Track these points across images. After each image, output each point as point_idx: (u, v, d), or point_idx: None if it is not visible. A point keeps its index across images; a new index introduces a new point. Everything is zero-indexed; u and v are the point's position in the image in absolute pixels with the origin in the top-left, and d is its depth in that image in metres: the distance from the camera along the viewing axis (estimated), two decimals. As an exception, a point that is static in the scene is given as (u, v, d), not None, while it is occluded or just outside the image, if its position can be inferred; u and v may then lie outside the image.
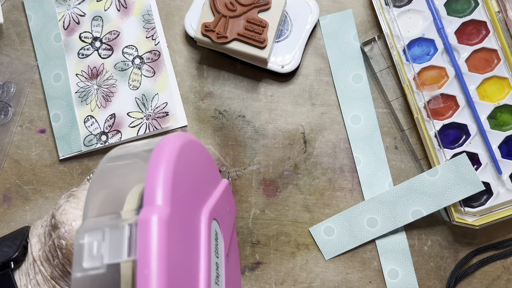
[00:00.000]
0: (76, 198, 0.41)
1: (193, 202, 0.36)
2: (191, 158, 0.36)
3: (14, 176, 0.53)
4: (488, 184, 0.48)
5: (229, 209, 0.44)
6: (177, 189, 0.33)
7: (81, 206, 0.40)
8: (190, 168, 0.36)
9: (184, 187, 0.34)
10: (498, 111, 0.49)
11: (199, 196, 0.38)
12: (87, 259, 0.31)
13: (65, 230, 0.39)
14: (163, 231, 0.30)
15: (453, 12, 0.50)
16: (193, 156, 0.37)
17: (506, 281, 0.51)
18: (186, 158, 0.35)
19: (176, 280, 0.31)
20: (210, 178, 0.41)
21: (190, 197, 0.35)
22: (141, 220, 0.30)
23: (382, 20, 0.50)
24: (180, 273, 0.32)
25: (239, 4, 0.50)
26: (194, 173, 0.37)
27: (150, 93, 0.52)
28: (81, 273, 0.31)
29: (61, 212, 0.39)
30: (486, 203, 0.48)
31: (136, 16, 0.53)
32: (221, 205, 0.41)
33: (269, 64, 0.51)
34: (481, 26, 0.50)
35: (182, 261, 0.33)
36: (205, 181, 0.39)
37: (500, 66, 0.49)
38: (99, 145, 0.52)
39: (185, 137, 0.36)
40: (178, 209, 0.32)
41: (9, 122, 0.53)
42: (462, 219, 0.48)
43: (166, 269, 0.30)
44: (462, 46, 0.49)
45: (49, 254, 0.40)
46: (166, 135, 0.38)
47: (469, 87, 0.49)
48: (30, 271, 0.41)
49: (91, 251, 0.31)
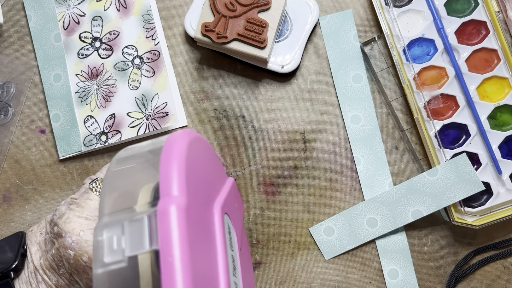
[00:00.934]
0: (80, 207, 0.40)
1: (205, 196, 0.36)
2: (199, 154, 0.37)
3: (14, 176, 0.53)
4: (488, 184, 0.48)
5: (238, 205, 0.44)
6: (189, 182, 0.33)
7: (85, 215, 0.40)
8: (198, 163, 0.36)
9: (195, 181, 0.34)
10: (498, 111, 0.49)
11: (210, 190, 0.38)
12: (107, 254, 0.31)
13: (72, 240, 0.38)
14: (182, 219, 0.31)
15: (453, 12, 0.50)
16: (201, 152, 0.37)
17: (506, 281, 0.51)
18: (194, 153, 0.35)
19: (199, 268, 0.32)
20: (217, 175, 0.41)
21: (202, 191, 0.36)
22: (160, 210, 0.31)
23: (382, 20, 0.50)
24: (201, 262, 0.33)
25: (239, 4, 0.50)
26: (203, 169, 0.37)
27: (150, 93, 0.52)
28: (102, 268, 0.31)
29: (65, 221, 0.39)
30: (486, 203, 0.48)
31: (136, 16, 0.53)
32: (230, 201, 0.41)
33: (269, 64, 0.51)
34: (481, 26, 0.50)
35: (201, 251, 0.33)
36: (213, 177, 0.40)
37: (500, 66, 0.49)
38: (99, 145, 0.52)
39: (192, 133, 0.37)
40: (192, 201, 0.33)
41: (9, 122, 0.53)
42: (462, 219, 0.48)
43: (189, 257, 0.30)
44: (462, 46, 0.49)
45: (53, 262, 0.40)
46: (173, 132, 0.38)
47: (469, 87, 0.49)
48: (32, 280, 0.40)
49: (111, 245, 0.31)
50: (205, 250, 0.35)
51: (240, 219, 0.45)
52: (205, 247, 0.35)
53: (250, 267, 0.48)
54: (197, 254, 0.32)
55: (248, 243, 0.50)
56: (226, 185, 0.42)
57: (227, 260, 0.37)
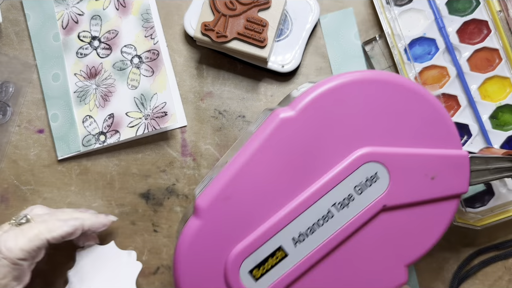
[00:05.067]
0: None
1: (353, 132, 0.38)
2: (382, 96, 0.38)
3: (12, 177, 0.53)
4: (489, 185, 0.48)
5: (435, 177, 0.39)
6: (323, 110, 0.38)
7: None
8: (367, 103, 0.38)
9: (341, 112, 0.38)
10: (500, 111, 0.49)
11: (370, 132, 0.38)
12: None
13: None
14: (281, 128, 0.37)
15: (454, 11, 0.50)
16: (389, 96, 0.39)
17: (507, 281, 0.50)
18: (366, 91, 0.38)
19: (250, 188, 0.37)
20: (416, 128, 0.39)
21: (347, 127, 0.38)
22: (273, 113, 0.38)
23: (383, 19, 0.50)
24: (262, 186, 0.37)
25: (239, 3, 0.49)
26: (369, 110, 0.38)
27: (149, 92, 0.51)
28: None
29: None
30: (487, 204, 0.48)
31: (135, 15, 0.53)
32: (416, 163, 0.38)
33: (269, 63, 0.51)
34: (483, 26, 0.49)
35: (276, 175, 0.37)
36: (398, 125, 0.39)
37: (502, 65, 0.49)
38: (98, 145, 0.51)
39: (376, 75, 0.39)
40: (310, 122, 0.38)
41: (7, 122, 0.53)
42: (464, 219, 0.48)
43: (247, 163, 0.37)
44: (464, 45, 0.49)
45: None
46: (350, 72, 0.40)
47: (470, 86, 0.49)
48: None
49: None
50: (282, 180, 0.37)
51: (434, 190, 0.39)
52: (288, 177, 0.37)
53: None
54: (265, 173, 0.37)
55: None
56: (434, 151, 0.39)
57: (297, 215, 0.37)
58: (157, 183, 0.52)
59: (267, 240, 0.37)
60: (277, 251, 0.37)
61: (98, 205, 0.52)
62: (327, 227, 0.37)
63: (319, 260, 0.37)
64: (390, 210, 0.38)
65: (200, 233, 0.37)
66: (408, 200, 0.38)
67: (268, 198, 0.37)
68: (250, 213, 0.37)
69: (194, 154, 0.52)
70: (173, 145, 0.53)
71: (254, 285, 0.37)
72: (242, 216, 0.37)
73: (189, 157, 0.52)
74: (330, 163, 0.37)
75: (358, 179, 0.38)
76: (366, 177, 0.38)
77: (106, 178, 0.52)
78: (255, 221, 0.37)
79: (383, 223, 0.38)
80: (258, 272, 0.37)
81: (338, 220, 0.37)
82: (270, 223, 0.37)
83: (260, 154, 0.37)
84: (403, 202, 0.38)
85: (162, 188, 0.52)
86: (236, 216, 0.37)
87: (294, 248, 0.37)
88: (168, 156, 0.52)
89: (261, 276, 0.37)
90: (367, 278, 0.38)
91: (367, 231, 0.38)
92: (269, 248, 0.37)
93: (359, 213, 0.38)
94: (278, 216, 0.37)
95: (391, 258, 0.39)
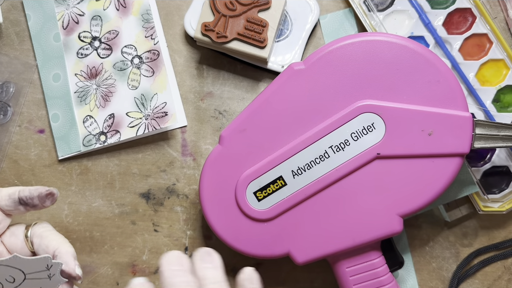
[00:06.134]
0: None
1: (356, 86, 0.43)
2: (382, 55, 0.43)
3: (13, 177, 0.53)
4: (507, 167, 0.48)
5: (433, 132, 0.42)
6: (331, 65, 0.43)
7: None
8: (368, 61, 0.43)
9: (347, 68, 0.43)
10: (501, 93, 0.49)
11: (372, 88, 0.43)
12: None
13: None
14: (292, 78, 0.44)
15: (436, 5, 0.50)
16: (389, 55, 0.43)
17: (506, 281, 0.50)
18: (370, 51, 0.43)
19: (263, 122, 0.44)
20: (416, 86, 0.42)
21: (351, 82, 0.43)
22: (290, 65, 0.45)
23: (368, 26, 0.50)
24: (275, 122, 0.44)
25: (239, 3, 0.49)
26: (376, 68, 0.43)
27: (149, 93, 0.52)
28: None
29: None
30: (508, 187, 0.48)
31: (135, 15, 0.53)
32: (413, 118, 0.42)
33: (269, 63, 0.51)
34: (467, 13, 0.50)
35: (288, 116, 0.44)
36: (402, 83, 0.42)
37: (493, 49, 0.49)
38: (98, 145, 0.52)
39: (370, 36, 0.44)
40: (318, 75, 0.43)
41: (8, 122, 0.53)
42: (488, 206, 0.48)
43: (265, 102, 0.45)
44: (452, 36, 0.50)
45: None
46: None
47: (467, 75, 0.49)
48: None
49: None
50: (289, 121, 0.44)
51: (428, 146, 0.42)
52: (295, 119, 0.43)
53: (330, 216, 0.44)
54: (276, 113, 0.44)
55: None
56: (434, 109, 0.42)
57: (300, 149, 0.43)
58: (158, 183, 0.52)
59: (271, 169, 0.43)
60: (278, 180, 0.43)
61: (99, 204, 0.52)
62: (323, 166, 0.43)
63: (314, 193, 0.43)
64: (385, 159, 0.42)
65: (220, 156, 0.45)
66: (403, 152, 0.42)
67: (276, 135, 0.44)
68: (260, 144, 0.44)
69: (194, 154, 0.53)
70: (173, 145, 0.53)
71: (257, 204, 0.44)
72: (253, 146, 0.44)
73: (189, 157, 0.53)
74: (332, 111, 0.43)
75: (355, 126, 0.42)
76: (363, 126, 0.42)
77: (107, 178, 0.53)
78: (263, 151, 0.44)
79: (377, 170, 0.42)
80: (261, 195, 0.44)
81: (333, 161, 0.43)
82: (274, 155, 0.43)
83: (274, 98, 0.44)
84: (398, 153, 0.42)
85: (162, 188, 0.52)
86: (249, 145, 0.44)
87: (293, 179, 0.43)
88: (168, 156, 0.53)
89: (263, 198, 0.44)
90: (359, 218, 0.43)
91: (361, 175, 0.43)
92: (272, 176, 0.44)
93: (353, 157, 0.42)
94: (282, 150, 0.43)
95: (383, 205, 0.42)
